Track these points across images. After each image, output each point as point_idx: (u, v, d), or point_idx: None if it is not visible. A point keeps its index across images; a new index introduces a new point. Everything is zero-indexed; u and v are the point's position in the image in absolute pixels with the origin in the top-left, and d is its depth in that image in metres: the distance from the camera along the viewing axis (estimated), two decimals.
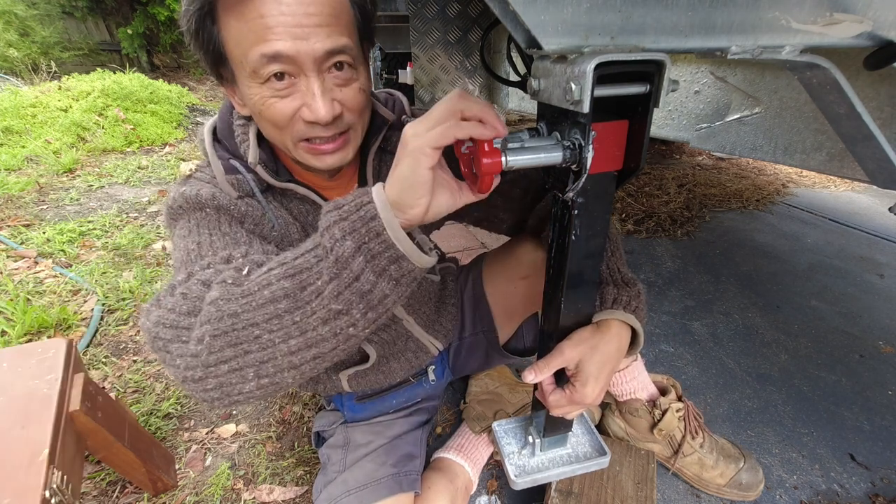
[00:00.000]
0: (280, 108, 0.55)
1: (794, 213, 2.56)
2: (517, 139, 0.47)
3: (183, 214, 0.62)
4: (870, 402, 1.28)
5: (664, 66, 0.41)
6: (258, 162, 0.64)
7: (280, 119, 0.55)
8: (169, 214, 0.63)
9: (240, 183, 0.64)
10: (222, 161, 0.64)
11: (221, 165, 0.64)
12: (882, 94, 0.66)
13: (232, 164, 0.64)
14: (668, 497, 1.02)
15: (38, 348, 0.84)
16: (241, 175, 0.64)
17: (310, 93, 0.54)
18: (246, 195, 0.65)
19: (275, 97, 0.54)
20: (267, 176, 0.65)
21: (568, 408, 0.64)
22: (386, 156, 0.77)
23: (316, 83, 0.54)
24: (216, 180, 0.64)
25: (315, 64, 0.53)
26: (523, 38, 0.43)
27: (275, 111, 0.55)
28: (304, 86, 0.54)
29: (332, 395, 0.97)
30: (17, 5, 5.57)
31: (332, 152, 0.60)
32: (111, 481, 1.02)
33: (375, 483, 0.82)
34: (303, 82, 0.54)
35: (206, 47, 0.55)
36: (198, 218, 0.61)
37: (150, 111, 3.95)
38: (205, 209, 0.61)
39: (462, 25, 1.18)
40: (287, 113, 0.55)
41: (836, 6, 0.42)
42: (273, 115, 0.55)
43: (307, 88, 0.54)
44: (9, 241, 1.97)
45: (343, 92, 0.57)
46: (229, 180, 0.63)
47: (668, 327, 1.58)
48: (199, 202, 0.61)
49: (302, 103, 0.55)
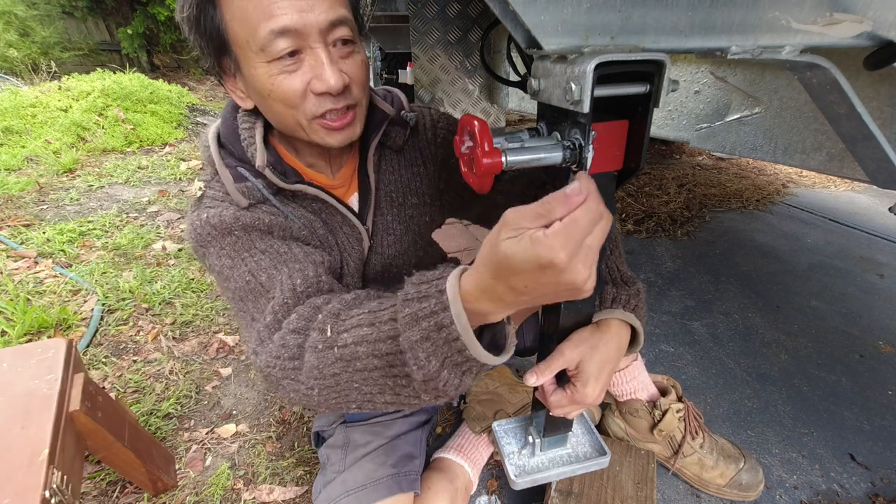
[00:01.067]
0: (290, 83, 0.55)
1: (794, 213, 2.56)
2: (517, 139, 0.47)
3: (212, 241, 0.62)
4: (870, 402, 1.28)
5: (664, 66, 0.41)
6: (266, 165, 0.63)
7: (291, 96, 0.56)
8: (197, 242, 0.62)
9: (250, 190, 0.63)
10: (230, 169, 0.63)
11: (230, 174, 0.63)
12: (882, 94, 0.66)
13: (239, 172, 0.63)
14: (668, 497, 1.02)
15: (38, 348, 0.84)
16: (249, 182, 0.63)
17: (319, 63, 0.55)
18: (258, 202, 0.64)
19: (283, 73, 0.55)
20: (276, 179, 0.64)
21: (569, 408, 0.64)
22: (386, 151, 0.76)
23: (323, 53, 0.55)
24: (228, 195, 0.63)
25: (321, 35, 0.54)
26: (523, 38, 0.43)
27: (285, 88, 0.55)
28: (312, 59, 0.55)
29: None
30: (17, 5, 5.57)
31: (342, 128, 0.61)
32: (111, 481, 1.02)
33: (375, 483, 0.81)
34: (310, 56, 0.55)
35: (207, 33, 0.55)
36: (230, 243, 0.61)
37: (150, 111, 3.95)
38: (232, 233, 0.61)
39: (462, 25, 1.18)
40: (298, 88, 0.55)
41: (836, 6, 0.42)
42: (284, 92, 0.55)
43: (315, 60, 0.55)
44: (9, 241, 1.97)
45: (348, 64, 0.58)
46: (239, 188, 0.63)
47: (668, 327, 1.58)
48: (224, 227, 0.61)
49: (311, 76, 0.55)
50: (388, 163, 0.77)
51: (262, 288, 0.59)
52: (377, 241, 0.78)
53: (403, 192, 0.78)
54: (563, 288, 0.38)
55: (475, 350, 0.45)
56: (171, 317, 1.58)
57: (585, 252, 0.37)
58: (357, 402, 0.53)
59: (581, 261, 0.37)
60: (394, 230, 0.79)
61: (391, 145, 0.76)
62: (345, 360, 0.50)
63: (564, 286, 0.38)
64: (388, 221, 0.78)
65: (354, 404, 0.53)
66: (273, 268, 0.59)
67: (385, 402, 0.52)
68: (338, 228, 0.72)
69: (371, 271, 0.79)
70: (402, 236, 0.80)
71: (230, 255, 0.61)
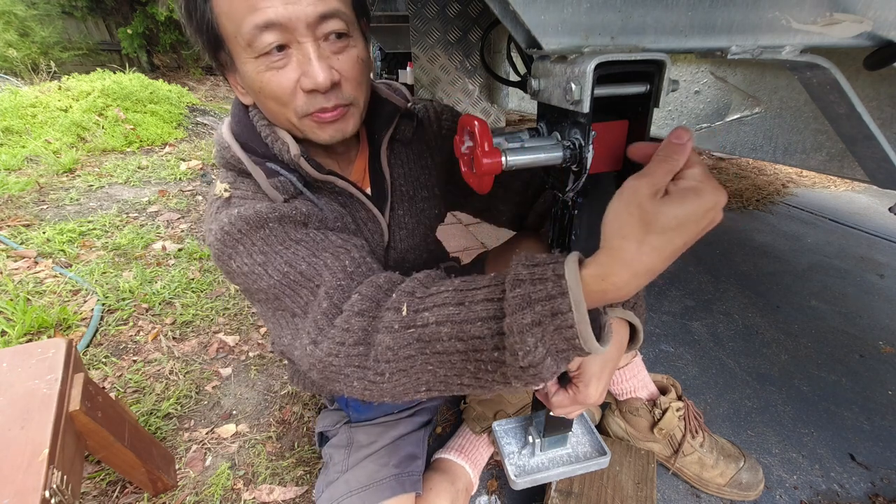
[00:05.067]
0: (278, 80, 0.53)
1: (794, 213, 2.56)
2: (517, 139, 0.47)
3: (243, 239, 0.58)
4: (870, 402, 1.28)
5: (664, 66, 0.41)
6: (301, 155, 0.60)
7: (280, 93, 0.54)
8: (224, 244, 0.58)
9: (284, 185, 0.61)
10: (260, 166, 0.61)
11: (261, 171, 0.61)
12: (882, 94, 0.66)
13: (270, 167, 0.61)
14: (668, 497, 1.02)
15: (38, 348, 0.84)
16: (282, 176, 0.61)
17: (305, 58, 0.52)
18: (291, 196, 0.62)
19: (271, 70, 0.53)
20: (310, 169, 0.61)
21: (571, 408, 0.64)
22: (396, 144, 0.75)
23: (311, 48, 0.52)
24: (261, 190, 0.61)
25: (309, 29, 0.51)
26: (523, 38, 0.43)
27: (274, 85, 0.53)
28: (301, 54, 0.52)
29: (335, 395, 0.97)
30: (16, 5, 5.57)
31: (332, 122, 0.58)
32: (111, 481, 1.02)
33: (378, 483, 0.82)
34: (298, 51, 0.52)
35: (200, 27, 0.54)
36: (262, 237, 0.58)
37: (150, 111, 3.95)
38: (266, 225, 0.58)
39: (462, 25, 1.18)
40: (286, 85, 0.53)
41: (836, 6, 0.42)
42: (273, 89, 0.54)
43: (303, 56, 0.52)
44: (9, 241, 1.97)
45: (340, 60, 0.55)
46: (273, 184, 0.61)
47: (668, 327, 1.58)
48: (259, 220, 0.57)
49: (300, 73, 0.53)
50: (398, 156, 0.76)
51: (302, 277, 0.55)
52: (392, 236, 0.77)
53: (414, 186, 0.77)
54: (716, 219, 0.41)
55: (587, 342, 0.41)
56: (171, 317, 1.58)
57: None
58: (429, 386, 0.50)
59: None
60: (406, 224, 0.78)
61: (400, 138, 0.74)
62: (423, 342, 0.47)
63: (715, 216, 0.40)
64: (400, 216, 0.77)
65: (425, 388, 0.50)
66: (312, 255, 0.56)
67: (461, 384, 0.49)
68: (363, 223, 0.71)
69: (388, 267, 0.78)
70: (415, 230, 0.79)
71: (262, 251, 0.57)
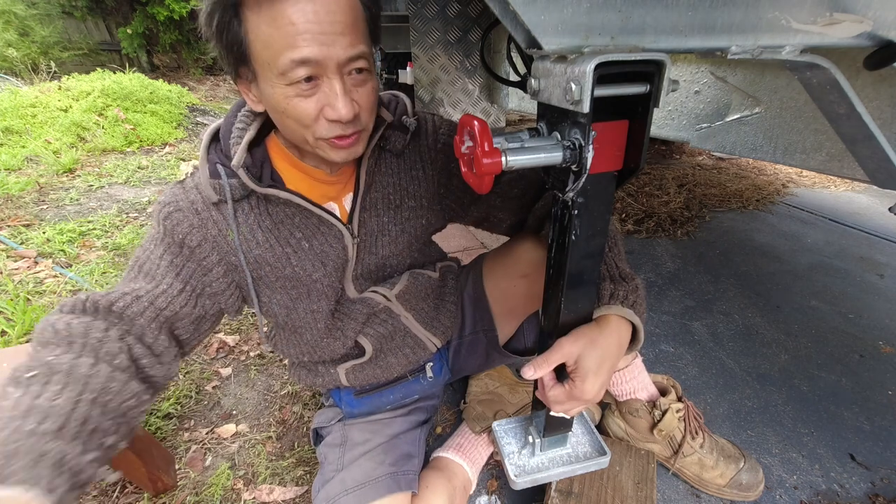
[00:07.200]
0: (304, 107, 0.59)
1: (794, 213, 2.56)
2: (517, 139, 0.47)
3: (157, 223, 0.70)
4: (870, 402, 1.28)
5: (664, 66, 0.41)
6: (241, 165, 0.67)
7: (305, 118, 0.59)
8: (155, 210, 0.71)
9: (220, 188, 0.67)
10: (209, 164, 0.68)
11: (207, 169, 0.68)
12: (882, 94, 0.66)
13: (216, 169, 0.67)
14: (668, 497, 1.02)
15: None
16: (222, 181, 0.67)
17: (333, 93, 0.58)
18: (224, 200, 0.69)
19: (299, 97, 0.58)
20: (248, 181, 0.67)
21: (568, 404, 0.64)
22: (385, 154, 0.78)
23: (338, 84, 0.58)
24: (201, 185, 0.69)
25: (338, 67, 0.57)
26: (523, 38, 0.43)
27: (300, 110, 0.59)
28: (328, 87, 0.58)
29: (331, 389, 0.98)
30: (16, 5, 5.56)
31: (347, 147, 0.64)
32: (111, 481, 1.02)
33: (373, 482, 0.81)
34: (325, 84, 0.58)
35: (229, 47, 0.58)
36: (158, 235, 0.70)
37: (150, 111, 3.95)
38: (166, 236, 0.69)
39: (462, 25, 1.18)
40: (311, 113, 0.59)
41: (836, 6, 0.42)
42: (299, 114, 0.59)
43: (330, 89, 0.58)
44: (9, 241, 1.97)
45: (359, 93, 0.61)
46: (212, 184, 0.67)
47: (668, 327, 1.58)
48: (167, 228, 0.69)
49: (325, 103, 0.59)
50: (388, 166, 0.79)
51: (135, 272, 0.70)
52: (372, 241, 0.80)
53: (401, 195, 0.80)
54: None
55: None
56: None
57: None
58: None
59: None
60: (389, 231, 0.81)
61: (391, 149, 0.77)
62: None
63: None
64: (385, 223, 0.80)
65: None
66: (145, 272, 0.69)
67: None
68: (314, 231, 0.75)
69: (364, 269, 0.82)
70: (398, 237, 0.82)
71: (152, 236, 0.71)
